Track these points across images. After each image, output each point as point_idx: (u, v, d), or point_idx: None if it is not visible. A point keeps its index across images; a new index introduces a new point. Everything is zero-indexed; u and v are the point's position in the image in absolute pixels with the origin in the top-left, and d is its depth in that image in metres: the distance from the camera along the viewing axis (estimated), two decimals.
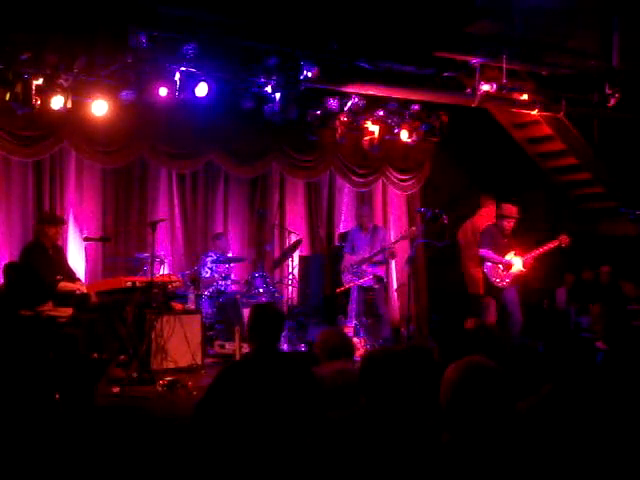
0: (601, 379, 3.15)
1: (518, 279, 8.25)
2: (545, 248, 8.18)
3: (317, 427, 2.83)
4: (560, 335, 3.64)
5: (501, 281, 8.16)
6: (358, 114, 9.03)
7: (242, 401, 3.45)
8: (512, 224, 8.22)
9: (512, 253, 8.18)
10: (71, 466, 2.86)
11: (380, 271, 8.73)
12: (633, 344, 4.46)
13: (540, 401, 3.03)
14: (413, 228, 8.88)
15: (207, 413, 3.55)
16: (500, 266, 8.18)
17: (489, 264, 8.22)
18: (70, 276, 7.35)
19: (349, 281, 8.51)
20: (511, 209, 8.28)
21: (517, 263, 8.15)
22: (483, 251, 8.25)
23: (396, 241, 9.01)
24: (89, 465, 2.87)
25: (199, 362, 7.37)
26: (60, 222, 7.57)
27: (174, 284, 7.62)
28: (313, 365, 4.40)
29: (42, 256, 7.10)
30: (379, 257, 8.68)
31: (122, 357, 6.93)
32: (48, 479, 2.92)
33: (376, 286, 8.63)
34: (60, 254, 7.51)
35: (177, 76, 7.46)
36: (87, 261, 8.59)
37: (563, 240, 8.06)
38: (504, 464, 2.34)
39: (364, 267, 8.54)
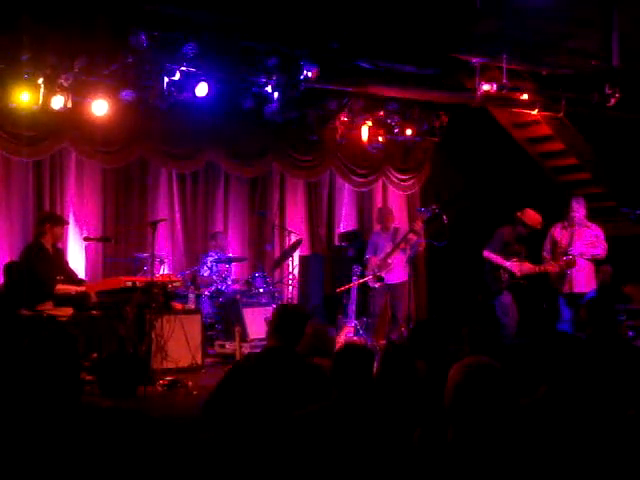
0: (591, 375, 3.14)
1: (515, 283, 8.16)
2: (547, 268, 8.06)
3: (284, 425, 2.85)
4: (551, 333, 3.63)
5: (499, 284, 8.07)
6: (358, 114, 9.03)
7: (252, 399, 3.47)
8: (528, 232, 8.03)
9: (515, 260, 8.03)
10: (70, 467, 2.86)
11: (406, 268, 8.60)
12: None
13: (536, 401, 3.04)
14: (419, 222, 8.58)
15: (216, 409, 3.57)
16: (501, 270, 8.06)
17: (490, 266, 8.14)
18: (71, 277, 7.36)
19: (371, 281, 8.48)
20: (536, 218, 8.00)
21: (516, 271, 8.01)
22: (487, 253, 8.12)
23: (410, 231, 8.63)
24: (87, 465, 2.87)
25: (199, 362, 7.38)
26: (65, 223, 7.63)
27: (174, 284, 7.63)
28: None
29: (43, 257, 7.10)
30: (401, 255, 8.56)
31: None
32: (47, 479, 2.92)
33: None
34: (60, 255, 7.52)
35: (177, 76, 7.46)
36: (87, 261, 8.61)
37: (568, 265, 7.85)
38: (508, 461, 2.35)
39: (389, 261, 8.51)
